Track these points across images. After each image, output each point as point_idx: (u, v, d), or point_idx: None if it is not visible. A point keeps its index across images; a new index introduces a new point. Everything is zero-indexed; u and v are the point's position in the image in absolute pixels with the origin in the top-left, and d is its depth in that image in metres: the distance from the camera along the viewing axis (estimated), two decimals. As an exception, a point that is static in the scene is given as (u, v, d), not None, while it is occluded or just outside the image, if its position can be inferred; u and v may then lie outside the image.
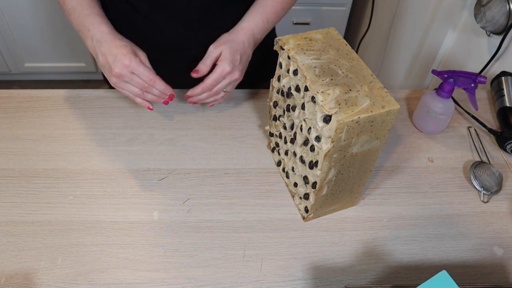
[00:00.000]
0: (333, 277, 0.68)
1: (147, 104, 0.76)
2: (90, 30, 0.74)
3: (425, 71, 1.45)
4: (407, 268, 0.70)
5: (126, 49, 0.71)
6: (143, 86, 0.72)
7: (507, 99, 0.92)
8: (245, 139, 0.87)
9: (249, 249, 0.70)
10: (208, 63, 0.77)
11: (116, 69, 0.70)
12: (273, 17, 0.83)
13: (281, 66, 0.70)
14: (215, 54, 0.77)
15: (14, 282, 0.65)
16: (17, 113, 0.89)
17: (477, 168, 0.82)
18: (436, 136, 0.91)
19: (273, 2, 0.82)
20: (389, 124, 0.61)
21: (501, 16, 1.00)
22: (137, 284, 0.66)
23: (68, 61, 2.16)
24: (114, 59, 0.70)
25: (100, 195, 0.76)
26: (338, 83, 0.61)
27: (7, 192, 0.76)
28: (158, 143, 0.85)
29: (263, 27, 0.82)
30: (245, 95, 0.95)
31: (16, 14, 1.94)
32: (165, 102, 0.77)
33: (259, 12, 0.81)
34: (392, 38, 1.74)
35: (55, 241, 0.70)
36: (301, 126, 0.67)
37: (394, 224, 0.75)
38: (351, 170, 0.67)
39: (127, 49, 0.71)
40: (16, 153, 0.82)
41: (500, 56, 1.06)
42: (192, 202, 0.76)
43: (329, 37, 0.69)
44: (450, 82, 0.83)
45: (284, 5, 0.84)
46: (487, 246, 0.73)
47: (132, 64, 0.70)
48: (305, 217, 0.74)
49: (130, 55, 0.70)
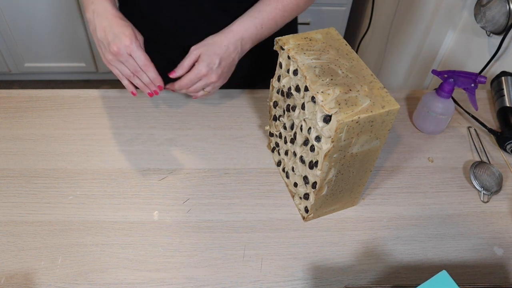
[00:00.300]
0: (333, 277, 0.68)
1: (132, 88, 0.76)
2: (93, 3, 0.74)
3: (425, 71, 1.45)
4: (407, 268, 0.70)
5: (128, 30, 0.71)
6: (136, 70, 0.72)
7: (507, 99, 0.92)
8: (245, 139, 0.87)
9: (249, 249, 0.70)
10: (185, 64, 0.77)
11: (115, 47, 0.70)
12: (269, 24, 0.79)
13: (281, 66, 0.70)
14: (194, 56, 0.76)
15: (14, 282, 0.65)
16: (17, 113, 0.89)
17: (477, 168, 0.82)
18: (436, 136, 0.91)
19: (272, 8, 0.79)
20: (389, 124, 0.61)
21: (501, 16, 1.00)
22: (137, 284, 0.66)
23: (68, 61, 2.16)
24: (115, 37, 0.70)
25: (100, 195, 0.76)
26: (338, 83, 0.61)
27: (7, 192, 0.76)
28: (158, 143, 0.85)
29: (255, 32, 0.78)
30: (245, 95, 0.95)
31: (16, 14, 1.94)
32: (150, 93, 0.76)
33: (254, 16, 0.78)
34: (392, 38, 1.74)
35: (55, 241, 0.70)
36: (301, 126, 0.67)
37: (394, 224, 0.75)
38: (351, 170, 0.67)
39: (129, 30, 0.71)
40: (16, 153, 0.82)
41: (500, 56, 1.06)
42: (192, 202, 0.76)
43: (329, 37, 0.69)
44: (450, 82, 0.83)
45: (286, 13, 0.80)
46: (487, 246, 0.73)
47: (132, 46, 0.70)
48: (305, 217, 0.74)
49: (132, 37, 0.70)
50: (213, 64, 0.76)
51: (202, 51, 0.76)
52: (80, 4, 1.91)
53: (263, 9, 0.79)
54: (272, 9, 0.79)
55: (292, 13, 0.82)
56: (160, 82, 0.75)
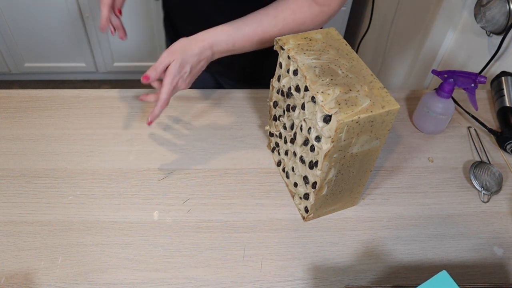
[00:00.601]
0: (333, 277, 0.68)
1: None
2: None
3: (425, 71, 1.45)
4: (407, 268, 0.70)
5: None
6: None
7: (507, 99, 0.92)
8: (245, 139, 0.87)
9: (249, 249, 0.70)
10: (159, 70, 0.74)
11: None
12: (243, 44, 0.75)
13: (281, 66, 0.70)
14: (166, 62, 0.73)
15: (14, 282, 0.65)
16: (17, 113, 0.89)
17: (477, 168, 0.82)
18: (436, 136, 0.91)
19: (251, 30, 0.74)
20: (389, 124, 0.61)
21: (501, 16, 1.00)
22: (137, 284, 0.66)
23: (68, 61, 2.16)
24: None
25: (100, 195, 0.76)
26: (338, 83, 0.61)
27: (7, 192, 0.76)
28: (158, 143, 0.85)
29: (225, 48, 0.75)
30: (245, 95, 0.95)
31: (16, 14, 1.94)
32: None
33: (229, 33, 0.74)
34: (392, 38, 1.74)
35: (55, 241, 0.70)
36: (301, 126, 0.67)
37: (394, 224, 0.75)
38: (351, 170, 0.67)
39: None
40: (16, 153, 0.82)
41: (500, 56, 1.06)
42: (192, 202, 0.76)
43: (329, 37, 0.69)
44: (450, 82, 0.83)
45: (266, 38, 0.75)
46: (487, 246, 0.73)
47: None
48: (305, 217, 0.74)
49: None
50: (185, 73, 0.74)
51: (174, 59, 0.73)
52: (80, 4, 1.91)
53: (242, 28, 0.75)
54: (250, 31, 0.75)
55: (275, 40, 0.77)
56: (104, 28, 0.78)
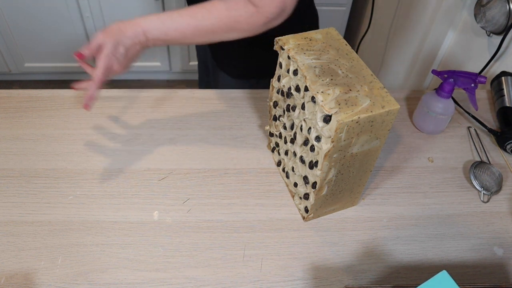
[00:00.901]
0: (333, 277, 0.68)
1: None
2: None
3: (425, 71, 1.45)
4: (407, 268, 0.70)
5: None
6: None
7: (507, 99, 0.92)
8: (245, 139, 0.87)
9: (249, 249, 0.70)
10: (91, 47, 0.74)
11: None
12: (175, 35, 0.73)
13: (281, 66, 0.70)
14: (100, 42, 0.74)
15: (14, 282, 0.65)
16: (17, 113, 0.89)
17: (477, 168, 0.82)
18: (436, 136, 0.91)
19: (184, 22, 0.72)
20: (389, 124, 0.61)
21: (501, 16, 1.00)
22: (137, 284, 0.66)
23: (68, 61, 2.16)
24: None
25: (100, 195, 0.76)
26: (338, 83, 0.61)
27: (7, 192, 0.76)
28: (158, 143, 0.85)
29: (158, 36, 0.73)
30: (245, 95, 0.95)
31: (16, 14, 1.94)
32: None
33: (163, 21, 0.72)
34: (392, 38, 1.74)
35: (55, 241, 0.70)
36: (301, 126, 0.67)
37: (394, 224, 0.75)
38: (351, 170, 0.67)
39: None
40: (16, 153, 0.82)
41: (500, 56, 1.06)
42: (192, 202, 0.76)
43: (329, 37, 0.69)
44: (450, 82, 0.83)
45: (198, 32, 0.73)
46: (487, 246, 0.73)
47: None
48: (305, 217, 0.74)
49: None
50: (120, 55, 0.74)
51: (108, 42, 0.73)
52: (80, 4, 1.91)
53: (177, 19, 0.73)
54: (183, 23, 0.73)
55: (209, 36, 0.74)
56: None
